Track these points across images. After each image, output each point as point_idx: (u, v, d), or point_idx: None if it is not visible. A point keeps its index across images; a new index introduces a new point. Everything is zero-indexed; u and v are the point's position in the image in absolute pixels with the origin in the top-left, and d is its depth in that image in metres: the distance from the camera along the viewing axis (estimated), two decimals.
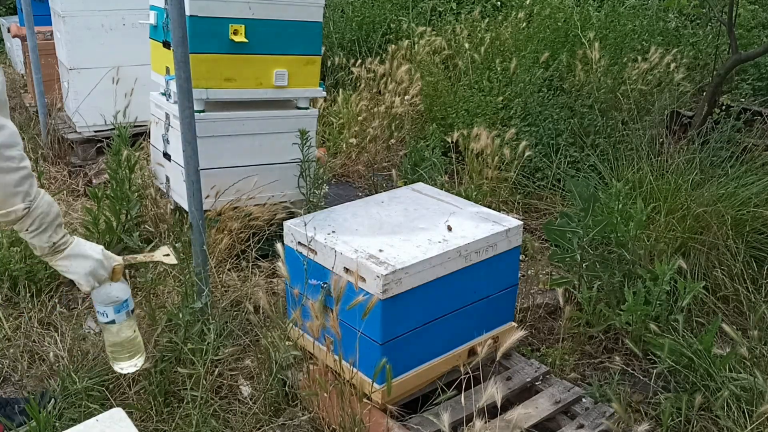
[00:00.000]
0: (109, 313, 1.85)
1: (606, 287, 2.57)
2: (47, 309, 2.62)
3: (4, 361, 2.38)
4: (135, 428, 1.25)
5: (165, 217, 3.15)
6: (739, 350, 2.11)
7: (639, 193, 3.03)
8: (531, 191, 3.78)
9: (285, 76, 3.07)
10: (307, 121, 3.19)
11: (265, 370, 2.13)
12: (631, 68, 4.38)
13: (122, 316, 1.86)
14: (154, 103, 3.29)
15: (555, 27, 4.85)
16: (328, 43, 5.54)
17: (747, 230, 2.84)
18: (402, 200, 2.36)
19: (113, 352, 1.91)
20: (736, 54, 4.05)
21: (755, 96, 4.62)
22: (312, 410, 2.03)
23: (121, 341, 1.89)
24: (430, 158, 3.57)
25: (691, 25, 5.69)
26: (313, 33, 3.10)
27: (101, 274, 1.78)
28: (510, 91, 4.32)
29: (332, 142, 4.53)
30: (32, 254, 2.70)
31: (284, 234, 2.17)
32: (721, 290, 2.67)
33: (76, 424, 1.25)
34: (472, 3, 6.29)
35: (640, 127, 3.85)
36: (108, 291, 1.85)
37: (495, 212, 2.28)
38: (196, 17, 2.78)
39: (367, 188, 4.03)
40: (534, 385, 2.18)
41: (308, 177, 3.18)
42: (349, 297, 1.86)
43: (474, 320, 2.14)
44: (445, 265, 1.98)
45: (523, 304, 2.71)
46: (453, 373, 2.10)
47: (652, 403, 2.27)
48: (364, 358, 1.92)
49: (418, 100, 4.74)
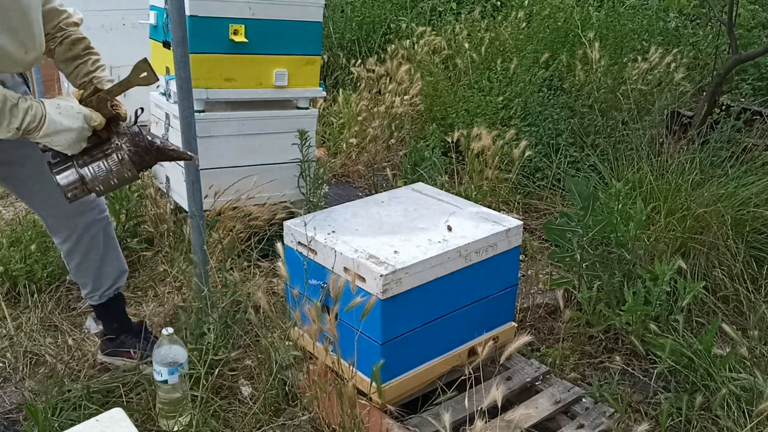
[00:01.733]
0: (164, 373, 1.95)
1: (606, 287, 2.57)
2: (47, 309, 2.62)
3: (5, 362, 2.38)
4: (135, 428, 1.25)
5: (165, 217, 3.15)
6: (739, 350, 2.11)
7: (639, 193, 3.03)
8: (531, 191, 3.78)
9: (285, 76, 3.07)
10: (307, 121, 3.19)
11: (265, 370, 2.13)
12: (631, 68, 4.38)
13: (175, 378, 1.95)
14: (154, 103, 3.29)
15: (555, 27, 4.85)
16: (328, 43, 5.53)
17: (747, 230, 2.84)
18: (402, 200, 2.36)
19: (161, 409, 2.00)
20: (736, 54, 4.05)
21: (755, 96, 4.62)
22: (312, 410, 2.03)
23: (170, 401, 1.99)
24: (430, 158, 3.57)
25: (691, 25, 5.69)
26: (313, 33, 3.10)
27: (84, 136, 1.71)
28: (510, 91, 4.32)
29: (332, 142, 4.53)
30: (32, 254, 2.72)
31: (284, 234, 2.17)
32: (721, 290, 2.67)
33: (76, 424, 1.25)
34: (472, 3, 6.29)
35: (640, 127, 3.85)
36: (167, 352, 1.95)
37: (495, 212, 2.28)
38: (196, 17, 2.78)
39: (367, 188, 4.03)
40: (534, 385, 2.17)
41: (308, 177, 3.18)
42: (348, 297, 1.86)
43: (474, 320, 2.13)
44: (445, 265, 1.98)
45: (523, 304, 2.71)
46: (453, 373, 2.10)
47: (652, 403, 2.27)
48: (364, 358, 1.92)
49: (418, 100, 4.74)
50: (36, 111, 1.63)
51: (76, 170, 1.73)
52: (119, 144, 1.74)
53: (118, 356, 2.32)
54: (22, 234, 2.80)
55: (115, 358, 2.32)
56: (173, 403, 1.99)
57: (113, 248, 2.24)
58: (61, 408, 2.03)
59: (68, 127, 1.66)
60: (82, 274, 2.23)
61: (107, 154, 1.74)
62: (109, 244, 2.22)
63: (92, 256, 2.19)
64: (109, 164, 1.73)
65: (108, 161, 1.73)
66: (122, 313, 2.35)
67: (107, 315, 2.33)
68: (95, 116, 1.72)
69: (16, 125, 1.61)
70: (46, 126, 1.64)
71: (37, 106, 1.64)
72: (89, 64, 1.94)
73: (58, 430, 1.92)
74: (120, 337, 2.32)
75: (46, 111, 1.64)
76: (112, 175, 1.74)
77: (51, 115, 1.65)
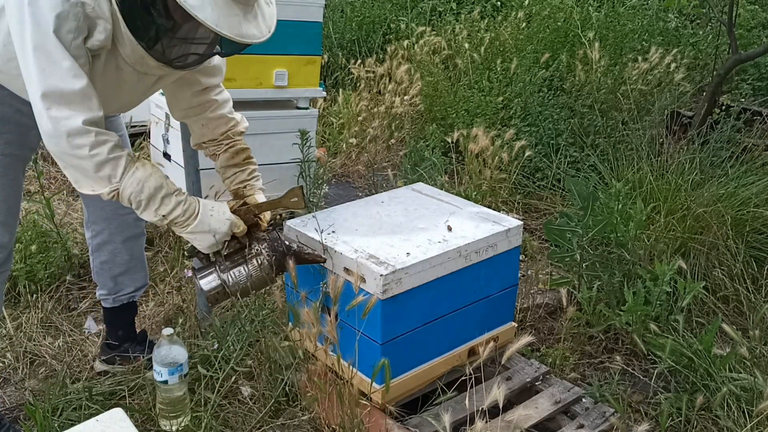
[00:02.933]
0: (163, 373, 1.95)
1: (606, 287, 2.57)
2: (47, 309, 2.62)
3: (4, 362, 2.37)
4: (135, 428, 1.26)
5: None
6: (739, 350, 2.11)
7: (639, 193, 3.03)
8: (531, 191, 3.78)
9: (285, 76, 3.07)
10: (307, 121, 3.19)
11: (266, 370, 2.13)
12: (631, 68, 4.38)
13: (175, 378, 1.96)
14: (154, 103, 3.28)
15: (555, 27, 4.86)
16: (328, 43, 5.53)
17: (747, 230, 2.84)
18: (402, 200, 2.36)
19: (162, 409, 2.00)
20: (736, 54, 4.05)
21: (755, 96, 4.63)
22: (312, 410, 2.03)
23: (170, 401, 1.99)
24: (430, 158, 3.57)
25: (691, 25, 5.69)
26: (313, 33, 3.10)
27: (223, 240, 1.81)
28: (510, 91, 4.32)
29: (332, 142, 4.53)
30: (32, 254, 2.71)
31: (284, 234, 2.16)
32: (721, 290, 2.67)
33: (76, 424, 1.25)
34: (472, 3, 6.29)
35: (640, 127, 3.85)
36: (167, 353, 1.95)
37: (495, 212, 2.28)
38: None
39: (367, 188, 4.03)
40: (534, 385, 2.17)
41: (308, 177, 3.18)
42: (349, 297, 1.86)
43: (474, 320, 2.13)
44: (445, 265, 1.98)
45: (523, 304, 2.71)
46: (453, 373, 2.10)
47: (652, 403, 2.27)
48: (364, 358, 1.92)
49: (418, 100, 4.74)
50: (189, 207, 1.73)
51: (218, 275, 1.83)
52: (259, 249, 1.84)
53: (118, 362, 2.31)
54: (22, 234, 2.80)
55: (114, 366, 2.31)
56: (173, 404, 1.99)
57: (141, 260, 2.28)
58: (62, 408, 2.03)
59: (214, 229, 1.77)
60: (104, 274, 2.24)
61: (248, 260, 1.84)
62: (138, 254, 2.25)
63: (119, 260, 2.21)
64: (249, 269, 1.83)
65: (248, 266, 1.83)
66: (130, 322, 2.34)
67: (115, 321, 2.32)
68: (240, 224, 1.81)
69: (163, 213, 1.70)
70: (195, 224, 1.74)
71: (192, 202, 1.75)
72: (246, 173, 2.05)
73: (58, 430, 1.92)
74: (123, 345, 2.31)
75: (199, 210, 1.75)
76: (251, 280, 1.84)
77: (202, 215, 1.75)
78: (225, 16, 1.52)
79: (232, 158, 2.04)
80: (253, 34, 1.58)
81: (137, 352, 2.29)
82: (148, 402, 2.10)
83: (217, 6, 1.50)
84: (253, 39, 1.59)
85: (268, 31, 1.63)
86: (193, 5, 1.48)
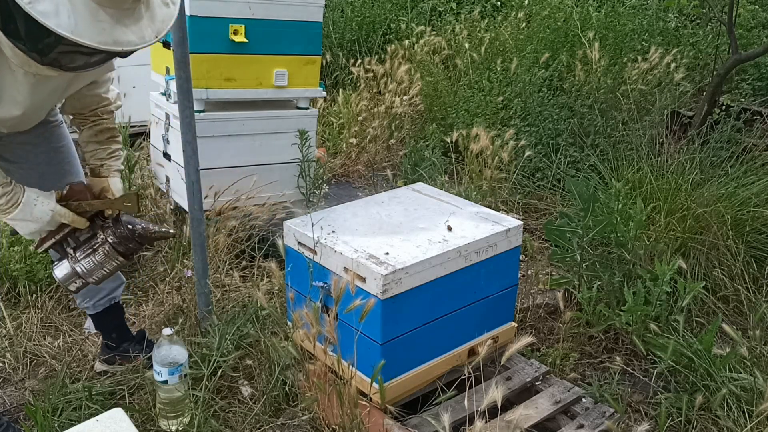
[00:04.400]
0: (164, 373, 1.97)
1: (606, 287, 2.57)
2: (47, 309, 2.62)
3: (4, 362, 2.38)
4: (135, 428, 1.26)
5: (165, 217, 3.15)
6: (739, 350, 2.11)
7: (639, 193, 3.03)
8: (531, 191, 3.78)
9: (285, 76, 3.07)
10: (307, 121, 3.19)
11: (266, 370, 2.13)
12: (631, 68, 4.37)
13: (175, 378, 1.97)
14: (154, 103, 3.29)
15: (555, 27, 4.85)
16: (328, 43, 5.53)
17: (747, 230, 2.84)
18: (402, 200, 2.36)
19: (162, 409, 2.01)
20: (736, 54, 4.05)
21: (755, 96, 4.62)
22: (312, 410, 2.03)
23: (171, 401, 2.00)
24: (430, 158, 3.57)
25: (691, 25, 5.68)
26: (313, 33, 3.10)
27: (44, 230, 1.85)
28: (510, 91, 4.32)
29: (332, 142, 4.53)
30: (32, 255, 2.71)
31: (284, 234, 2.17)
32: (721, 290, 2.67)
33: (76, 424, 1.25)
34: (472, 3, 6.28)
35: (640, 127, 3.85)
36: (168, 352, 1.97)
37: (495, 212, 2.28)
38: (196, 17, 2.78)
39: (367, 188, 4.02)
40: (534, 385, 2.17)
41: (308, 177, 3.18)
42: (349, 297, 1.86)
43: (474, 320, 2.13)
44: (445, 265, 1.98)
45: (523, 304, 2.71)
46: (453, 373, 2.10)
47: (652, 403, 2.26)
48: (364, 358, 1.92)
49: (418, 100, 4.74)
50: (13, 196, 1.77)
51: (71, 266, 1.88)
52: (104, 237, 1.88)
53: (117, 362, 2.31)
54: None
55: (114, 366, 2.31)
56: (173, 404, 1.99)
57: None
58: (62, 408, 2.03)
59: (35, 218, 1.81)
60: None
61: (95, 249, 1.88)
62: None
63: None
64: (97, 259, 1.88)
65: (96, 257, 1.88)
66: (120, 323, 2.34)
67: (104, 325, 2.32)
68: (67, 215, 1.83)
69: None
70: (16, 212, 1.78)
71: (17, 192, 1.78)
72: (106, 153, 2.04)
73: (58, 430, 1.92)
74: (122, 345, 2.31)
75: (22, 200, 1.78)
76: (103, 268, 1.89)
77: (25, 204, 1.78)
78: (87, 23, 1.34)
79: (96, 135, 2.02)
80: (129, 40, 1.40)
81: (136, 351, 2.29)
82: (148, 402, 2.11)
83: (75, 12, 1.32)
84: (129, 46, 1.41)
85: (154, 36, 1.46)
86: (43, 11, 1.29)
